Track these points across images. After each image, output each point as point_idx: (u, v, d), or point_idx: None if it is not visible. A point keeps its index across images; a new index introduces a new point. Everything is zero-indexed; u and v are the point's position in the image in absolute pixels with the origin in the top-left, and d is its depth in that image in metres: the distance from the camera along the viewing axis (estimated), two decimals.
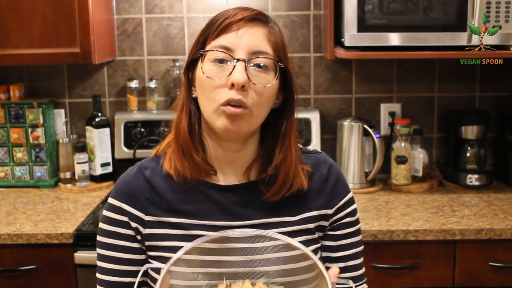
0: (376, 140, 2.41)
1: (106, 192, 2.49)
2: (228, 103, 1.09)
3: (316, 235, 1.21)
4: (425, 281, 2.03)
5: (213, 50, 1.12)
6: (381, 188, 2.48)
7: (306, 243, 1.17)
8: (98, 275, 1.20)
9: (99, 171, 2.55)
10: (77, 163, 2.50)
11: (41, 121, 2.53)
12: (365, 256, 1.26)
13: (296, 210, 1.20)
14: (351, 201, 1.26)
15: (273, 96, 1.15)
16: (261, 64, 1.12)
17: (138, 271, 1.15)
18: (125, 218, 1.18)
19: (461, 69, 2.58)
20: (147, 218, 1.18)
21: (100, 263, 1.20)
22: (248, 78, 1.10)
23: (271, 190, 1.18)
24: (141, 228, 1.18)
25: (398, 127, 2.49)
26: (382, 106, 2.63)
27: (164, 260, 1.13)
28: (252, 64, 1.11)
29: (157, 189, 1.18)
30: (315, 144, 2.53)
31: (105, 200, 2.39)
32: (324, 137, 2.62)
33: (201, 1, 2.59)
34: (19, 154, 2.57)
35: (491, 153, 2.49)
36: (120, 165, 2.57)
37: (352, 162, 2.46)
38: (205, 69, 1.12)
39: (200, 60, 1.14)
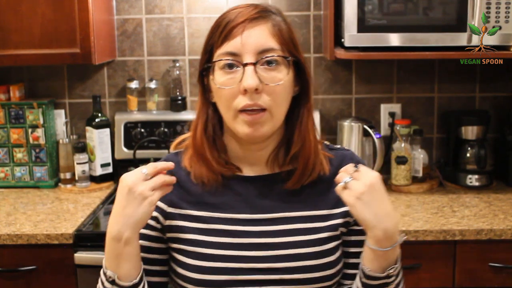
0: (376, 140, 2.41)
1: (106, 192, 2.48)
2: (245, 109, 1.10)
3: (339, 232, 1.20)
4: (425, 282, 2.03)
5: (221, 60, 1.12)
6: None
7: (329, 240, 1.17)
8: None
9: (99, 171, 2.55)
10: (77, 163, 2.50)
11: (41, 121, 2.53)
12: None
13: (322, 204, 1.19)
14: None
15: (289, 90, 1.16)
16: (270, 62, 1.12)
17: (156, 259, 1.20)
18: None
19: (461, 70, 2.58)
20: (169, 209, 1.20)
21: None
22: (260, 80, 1.10)
23: (291, 179, 1.18)
24: (161, 219, 1.20)
25: (398, 128, 2.48)
26: (382, 106, 2.63)
27: (185, 253, 1.16)
28: (261, 65, 1.11)
29: (181, 182, 1.20)
30: None
31: (105, 201, 2.39)
32: (324, 137, 2.61)
33: (201, 1, 2.59)
34: (19, 154, 2.57)
35: (491, 154, 2.48)
36: (120, 165, 2.57)
37: None
38: (217, 78, 1.13)
39: (211, 70, 1.15)
